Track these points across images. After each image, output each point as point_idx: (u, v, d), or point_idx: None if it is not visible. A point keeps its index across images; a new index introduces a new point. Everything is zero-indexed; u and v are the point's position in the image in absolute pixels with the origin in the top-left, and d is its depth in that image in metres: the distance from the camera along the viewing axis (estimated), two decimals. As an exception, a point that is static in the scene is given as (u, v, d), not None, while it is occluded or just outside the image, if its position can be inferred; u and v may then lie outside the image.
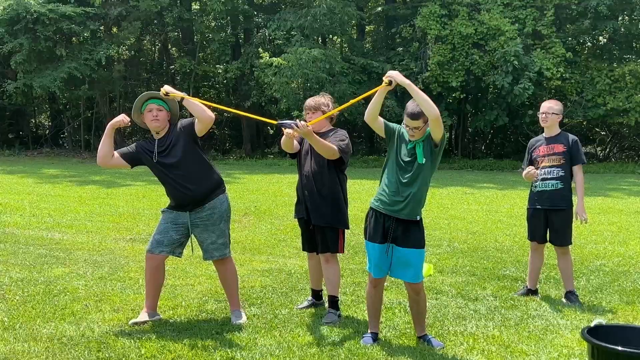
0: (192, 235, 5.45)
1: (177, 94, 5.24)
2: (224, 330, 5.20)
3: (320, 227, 5.57)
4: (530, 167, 6.44)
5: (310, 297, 6.02)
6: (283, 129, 5.39)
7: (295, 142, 5.62)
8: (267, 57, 24.29)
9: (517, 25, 24.15)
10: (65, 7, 24.90)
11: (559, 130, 6.50)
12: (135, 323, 5.28)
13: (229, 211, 5.49)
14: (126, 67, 30.26)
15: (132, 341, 4.90)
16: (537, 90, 24.07)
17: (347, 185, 5.75)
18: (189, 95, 5.42)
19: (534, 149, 6.52)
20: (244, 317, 5.45)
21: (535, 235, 6.52)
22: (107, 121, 5.37)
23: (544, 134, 6.56)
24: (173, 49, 32.58)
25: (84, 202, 13.01)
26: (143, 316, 5.36)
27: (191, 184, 5.27)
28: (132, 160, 5.43)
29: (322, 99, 5.73)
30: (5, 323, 5.25)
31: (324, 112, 5.60)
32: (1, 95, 28.37)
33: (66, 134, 31.61)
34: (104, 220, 10.78)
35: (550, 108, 6.43)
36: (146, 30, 30.62)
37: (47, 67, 26.15)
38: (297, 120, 5.40)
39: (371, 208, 5.01)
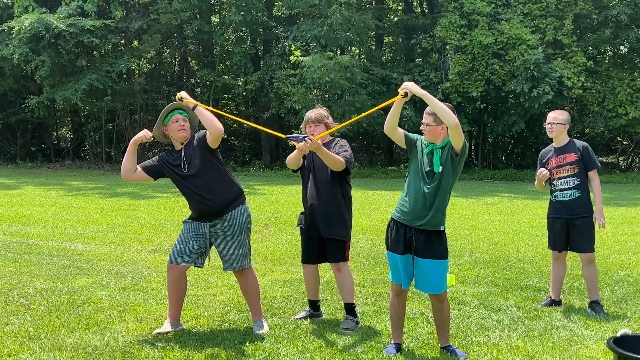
0: (213, 245, 5.48)
1: (191, 101, 5.29)
2: (247, 340, 5.22)
3: (327, 238, 5.63)
4: (542, 169, 6.46)
5: (308, 308, 6.01)
6: (295, 143, 5.44)
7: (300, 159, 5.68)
8: (299, 56, 24.20)
9: (537, 34, 24.07)
10: (85, 20, 25.21)
11: (567, 139, 6.48)
12: (159, 333, 5.31)
13: (249, 222, 5.49)
14: (147, 80, 30.55)
15: (155, 351, 4.93)
16: (558, 99, 23.95)
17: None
18: (209, 106, 5.46)
19: (546, 160, 6.52)
20: (266, 327, 5.45)
21: (557, 244, 6.50)
22: (128, 134, 5.45)
23: (553, 144, 6.56)
24: (193, 61, 32.83)
25: (106, 214, 13.12)
26: (166, 326, 5.39)
27: (210, 195, 5.29)
28: (155, 173, 5.49)
29: (322, 111, 5.80)
30: (31, 333, 5.30)
31: (326, 124, 5.70)
32: (24, 109, 28.73)
33: (87, 146, 31.92)
34: (126, 232, 10.86)
35: (555, 118, 6.42)
36: (166, 43, 30.91)
37: (70, 80, 26.48)
38: (305, 134, 5.47)
39: (392, 219, 5.01)
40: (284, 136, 5.77)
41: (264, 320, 5.56)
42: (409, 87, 4.72)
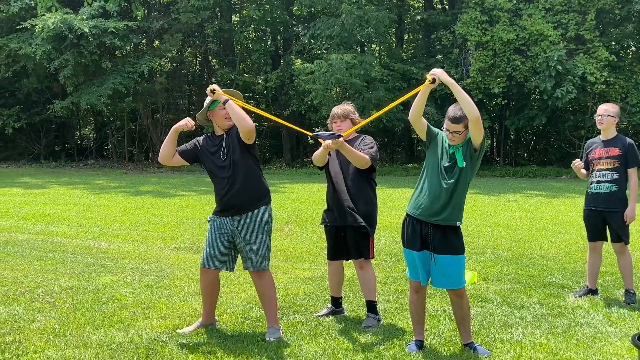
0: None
1: (223, 96, 5.28)
2: (269, 337, 5.24)
3: (353, 234, 5.63)
4: (577, 159, 6.65)
5: (329, 305, 6.02)
6: (321, 140, 5.48)
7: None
8: (300, 64, 24.50)
9: (559, 30, 23.86)
10: (108, 22, 25.41)
11: (615, 133, 6.54)
12: (183, 332, 5.35)
13: (270, 222, 5.43)
14: (168, 79, 30.70)
15: (179, 348, 4.97)
16: (581, 95, 23.73)
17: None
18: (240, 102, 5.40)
19: (590, 150, 6.62)
20: (280, 334, 5.27)
21: (593, 235, 6.62)
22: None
23: (600, 136, 6.61)
24: (214, 60, 32.96)
25: (129, 212, 13.23)
26: (194, 326, 5.44)
27: (239, 188, 5.26)
28: (191, 158, 5.52)
29: (348, 106, 5.84)
30: (56, 330, 5.37)
31: (352, 120, 5.73)
32: (47, 109, 29.04)
33: (110, 145, 32.18)
34: (149, 230, 10.95)
35: (606, 110, 6.48)
36: (187, 43, 31.05)
37: (93, 82, 26.71)
38: (332, 130, 5.48)
39: (408, 215, 5.00)
40: (310, 134, 5.79)
41: (279, 327, 5.38)
42: (437, 73, 4.71)
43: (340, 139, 5.34)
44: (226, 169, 5.30)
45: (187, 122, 5.32)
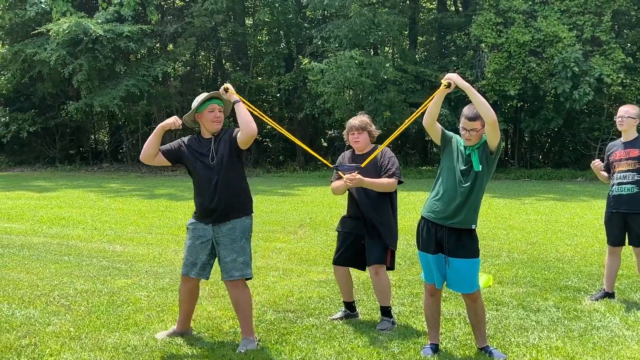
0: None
1: (234, 96, 5.25)
2: (284, 340, 5.24)
3: (371, 243, 5.66)
4: (596, 159, 6.70)
5: (344, 309, 6.01)
6: (342, 173, 5.54)
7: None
8: (308, 63, 24.53)
9: (575, 31, 23.72)
10: (122, 26, 25.57)
11: (636, 135, 6.52)
12: (161, 336, 5.29)
13: (250, 230, 5.26)
14: (182, 83, 30.83)
15: (194, 350, 4.98)
16: (597, 97, 23.58)
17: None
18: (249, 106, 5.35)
19: (611, 153, 6.61)
20: (254, 345, 5.07)
21: (614, 238, 6.56)
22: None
23: (621, 138, 6.59)
24: (227, 63, 33.05)
25: (143, 216, 13.28)
26: (169, 332, 5.36)
27: (223, 193, 5.11)
28: (175, 158, 5.34)
29: (365, 118, 5.86)
30: (72, 333, 5.39)
31: (369, 132, 5.77)
32: (62, 113, 29.24)
33: (125, 149, 32.34)
34: (164, 233, 10.98)
35: (626, 112, 6.46)
36: (201, 46, 31.17)
37: (107, 85, 26.88)
38: (353, 164, 5.57)
39: (423, 218, 4.98)
40: (332, 165, 5.81)
41: (254, 337, 5.17)
42: (452, 77, 4.70)
43: (358, 176, 5.41)
44: (213, 172, 5.13)
45: (175, 120, 5.22)
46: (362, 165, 5.48)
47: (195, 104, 5.26)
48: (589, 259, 8.75)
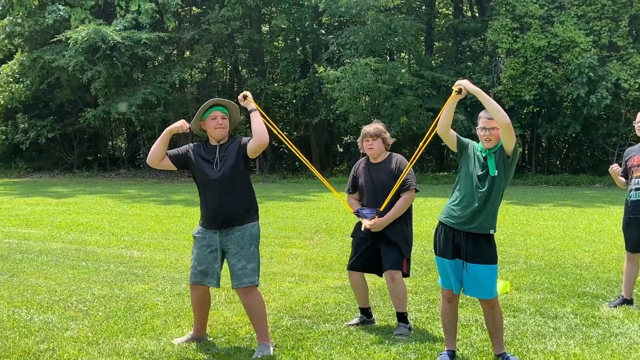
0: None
1: (253, 103, 5.27)
2: (300, 346, 5.24)
3: (386, 249, 5.69)
4: (615, 164, 6.61)
5: (360, 315, 6.00)
6: (361, 219, 5.69)
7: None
8: (323, 71, 24.59)
9: (591, 37, 23.59)
10: (140, 33, 25.78)
11: None
12: (178, 341, 5.30)
13: (258, 236, 5.26)
14: (198, 89, 30.99)
15: (210, 356, 4.99)
16: (614, 102, 23.42)
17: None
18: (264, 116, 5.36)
19: (629, 158, 6.56)
20: (270, 351, 5.06)
21: (632, 244, 6.50)
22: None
23: (639, 144, 6.53)
24: (243, 70, 33.19)
25: (160, 221, 13.35)
26: (186, 337, 5.37)
27: (229, 201, 5.12)
28: (181, 163, 5.35)
29: (380, 125, 5.92)
30: (90, 338, 5.42)
31: (384, 139, 5.83)
32: (80, 120, 29.50)
33: (142, 155, 32.53)
34: (180, 238, 11.03)
35: None
36: (217, 53, 31.32)
37: (125, 91, 27.09)
38: (373, 210, 5.66)
39: (440, 223, 4.97)
40: (352, 210, 5.89)
41: (270, 343, 5.14)
42: (463, 84, 4.71)
43: (378, 221, 5.60)
44: (220, 179, 5.13)
45: (182, 124, 5.24)
46: (381, 209, 5.60)
47: (199, 112, 5.30)
48: (607, 265, 8.68)
